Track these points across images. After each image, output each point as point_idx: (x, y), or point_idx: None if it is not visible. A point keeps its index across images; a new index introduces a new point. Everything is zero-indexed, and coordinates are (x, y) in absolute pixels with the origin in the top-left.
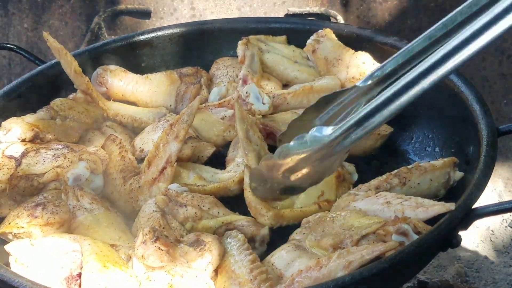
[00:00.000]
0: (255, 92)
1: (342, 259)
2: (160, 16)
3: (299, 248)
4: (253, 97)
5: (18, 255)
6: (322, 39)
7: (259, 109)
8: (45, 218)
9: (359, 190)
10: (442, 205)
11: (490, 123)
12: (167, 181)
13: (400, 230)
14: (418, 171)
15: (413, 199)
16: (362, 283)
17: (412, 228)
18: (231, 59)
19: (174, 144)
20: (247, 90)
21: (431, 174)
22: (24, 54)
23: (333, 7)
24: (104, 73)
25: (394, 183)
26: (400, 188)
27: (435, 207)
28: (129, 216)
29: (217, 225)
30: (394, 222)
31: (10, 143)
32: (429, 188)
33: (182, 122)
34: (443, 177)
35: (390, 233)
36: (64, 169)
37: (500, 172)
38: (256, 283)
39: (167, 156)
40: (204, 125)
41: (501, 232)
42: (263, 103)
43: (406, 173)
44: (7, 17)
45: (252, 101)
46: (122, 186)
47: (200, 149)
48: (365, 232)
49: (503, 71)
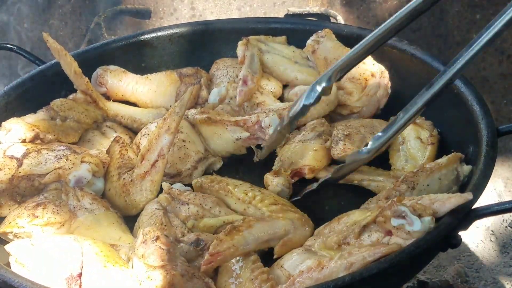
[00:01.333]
0: (275, 125)
1: (344, 260)
2: (160, 16)
3: (308, 251)
4: (273, 130)
5: (18, 255)
6: (322, 39)
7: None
8: (46, 218)
9: (369, 204)
10: (459, 196)
11: (490, 123)
12: (158, 174)
13: (397, 213)
14: (425, 172)
15: (426, 197)
16: (362, 283)
17: (410, 210)
18: (231, 60)
19: (165, 137)
20: (270, 123)
21: (438, 173)
22: (24, 54)
23: (333, 7)
24: (104, 73)
25: (403, 190)
26: (410, 193)
27: (451, 199)
28: (123, 211)
29: (218, 224)
30: (390, 206)
31: (11, 143)
32: (440, 188)
33: (173, 115)
34: (451, 173)
35: (389, 218)
36: (66, 170)
37: (500, 172)
38: (257, 283)
39: (159, 149)
40: (216, 139)
41: (501, 232)
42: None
43: (413, 177)
44: (7, 17)
45: (271, 133)
46: (117, 182)
47: (210, 163)
48: (365, 222)
49: (503, 71)
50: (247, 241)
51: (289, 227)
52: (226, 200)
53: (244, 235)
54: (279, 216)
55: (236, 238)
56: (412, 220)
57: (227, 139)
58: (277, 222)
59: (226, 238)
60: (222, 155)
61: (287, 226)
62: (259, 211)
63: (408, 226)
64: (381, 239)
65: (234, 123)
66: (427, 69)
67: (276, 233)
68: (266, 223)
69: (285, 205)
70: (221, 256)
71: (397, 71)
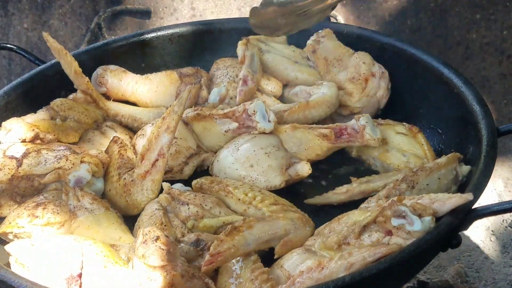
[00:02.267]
0: (262, 110)
1: (344, 260)
2: (160, 16)
3: (308, 251)
4: (259, 116)
5: (18, 255)
6: (322, 39)
7: (265, 127)
8: (46, 218)
9: (369, 203)
10: (459, 196)
11: (490, 123)
12: (158, 173)
13: (397, 213)
14: (424, 172)
15: (426, 196)
16: (363, 284)
17: (410, 210)
18: (231, 60)
19: (165, 136)
20: (255, 108)
21: (438, 172)
22: (24, 54)
23: None
24: (104, 73)
25: (402, 189)
26: (409, 192)
27: (452, 199)
28: (124, 211)
29: (218, 224)
30: (390, 206)
31: (11, 143)
32: (439, 187)
33: (172, 114)
34: (450, 173)
35: (389, 218)
36: (66, 171)
37: (500, 172)
38: (257, 283)
39: (159, 148)
40: (207, 134)
41: (501, 232)
42: (268, 121)
43: (412, 176)
44: (7, 17)
45: (258, 119)
46: (118, 182)
47: (202, 159)
48: (365, 222)
49: (503, 71)
50: (247, 241)
51: (289, 227)
52: (226, 200)
53: (245, 235)
54: (280, 216)
55: (236, 238)
56: (412, 220)
57: (217, 132)
58: (278, 222)
59: (227, 238)
60: (215, 150)
61: (287, 226)
62: (260, 211)
63: (408, 226)
64: (381, 239)
65: (223, 115)
66: (427, 69)
67: (276, 233)
68: (266, 223)
69: (285, 205)
70: (221, 257)
71: (397, 71)
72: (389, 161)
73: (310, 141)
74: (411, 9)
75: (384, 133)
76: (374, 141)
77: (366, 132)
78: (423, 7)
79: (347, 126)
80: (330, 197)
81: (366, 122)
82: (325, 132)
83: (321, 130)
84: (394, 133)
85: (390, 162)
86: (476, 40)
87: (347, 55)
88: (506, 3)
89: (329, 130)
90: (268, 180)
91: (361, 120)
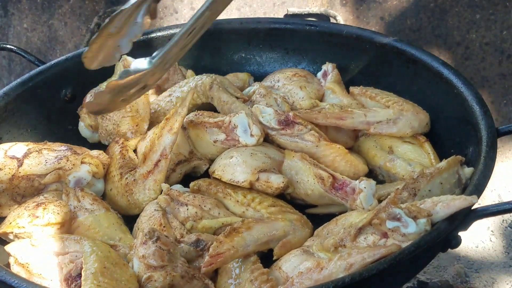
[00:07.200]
0: (243, 125)
1: (343, 261)
2: (160, 16)
3: (306, 252)
4: (240, 130)
5: (18, 255)
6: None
7: (246, 142)
8: (46, 218)
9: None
10: (463, 198)
11: (490, 123)
12: (161, 173)
13: (392, 215)
14: (425, 178)
15: (429, 200)
16: (362, 284)
17: (405, 212)
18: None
19: (168, 137)
20: (235, 122)
21: (439, 177)
22: (24, 54)
23: (333, 7)
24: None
25: (404, 197)
26: (411, 200)
27: (456, 201)
28: (125, 211)
29: (217, 225)
30: (385, 208)
31: (13, 143)
32: (442, 192)
33: (176, 115)
34: (452, 177)
35: (384, 220)
36: (66, 171)
37: (500, 172)
38: (256, 284)
39: (161, 149)
40: (199, 142)
41: (501, 232)
42: (251, 135)
43: (413, 183)
44: (6, 17)
45: (239, 134)
46: (119, 181)
47: (193, 166)
48: (361, 225)
49: (503, 71)
50: (246, 243)
51: (288, 228)
52: (224, 202)
53: (244, 236)
54: (278, 218)
55: (235, 239)
56: (407, 222)
57: (207, 141)
58: (276, 223)
59: (226, 240)
60: (209, 158)
61: (286, 227)
62: (258, 213)
63: (403, 229)
64: (377, 242)
65: (213, 124)
66: (427, 69)
67: (275, 234)
68: (265, 225)
69: (284, 207)
70: (221, 258)
71: (397, 71)
72: (394, 171)
73: (305, 175)
74: (411, 9)
75: (390, 142)
76: (362, 209)
77: (359, 197)
78: (423, 7)
79: (350, 183)
80: (332, 206)
81: (365, 188)
82: (323, 175)
83: (320, 171)
84: (401, 141)
85: (395, 171)
86: (476, 40)
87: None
88: (506, 3)
89: (328, 175)
90: (234, 173)
91: (362, 184)
